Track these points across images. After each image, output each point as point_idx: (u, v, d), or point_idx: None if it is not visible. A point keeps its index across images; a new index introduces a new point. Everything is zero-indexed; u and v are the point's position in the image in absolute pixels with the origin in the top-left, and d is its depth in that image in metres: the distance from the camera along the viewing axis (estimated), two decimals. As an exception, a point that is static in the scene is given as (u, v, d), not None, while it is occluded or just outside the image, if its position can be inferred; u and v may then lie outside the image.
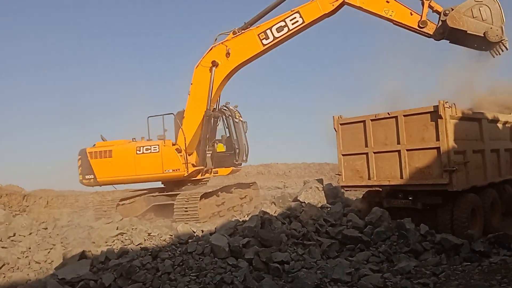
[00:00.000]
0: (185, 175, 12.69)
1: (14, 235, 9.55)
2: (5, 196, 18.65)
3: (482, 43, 10.00)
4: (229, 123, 14.27)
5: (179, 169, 12.52)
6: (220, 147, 14.18)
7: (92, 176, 13.11)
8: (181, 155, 12.61)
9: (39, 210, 19.33)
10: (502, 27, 9.61)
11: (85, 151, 13.33)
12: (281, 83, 79.88)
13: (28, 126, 57.90)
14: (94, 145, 13.52)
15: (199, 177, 13.52)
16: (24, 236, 9.44)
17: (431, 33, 10.39)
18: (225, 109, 14.40)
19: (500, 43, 9.73)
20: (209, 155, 13.82)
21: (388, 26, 10.78)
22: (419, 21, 10.37)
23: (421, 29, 10.41)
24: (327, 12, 11.62)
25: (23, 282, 7.30)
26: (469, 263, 6.57)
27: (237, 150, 14.04)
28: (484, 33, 9.54)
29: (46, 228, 9.85)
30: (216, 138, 14.34)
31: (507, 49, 9.86)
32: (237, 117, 14.60)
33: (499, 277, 5.78)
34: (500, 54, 10.00)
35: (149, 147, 12.74)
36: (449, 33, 10.16)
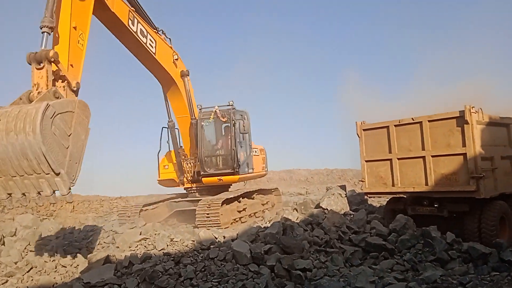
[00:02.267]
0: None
1: (41, 239, 9.78)
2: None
3: None
4: (197, 130, 13.01)
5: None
6: None
7: None
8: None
9: (66, 215, 19.77)
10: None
11: None
12: (302, 88, 79.75)
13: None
14: None
15: (173, 185, 13.95)
16: (51, 240, 9.66)
17: None
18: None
19: None
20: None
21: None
22: None
23: None
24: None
25: (50, 285, 7.45)
26: (498, 273, 6.36)
27: (202, 159, 12.81)
28: None
29: (72, 233, 10.06)
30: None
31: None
32: (210, 118, 13.01)
33: (530, 288, 5.59)
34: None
35: None
36: None
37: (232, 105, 13.17)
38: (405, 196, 9.75)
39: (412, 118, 9.23)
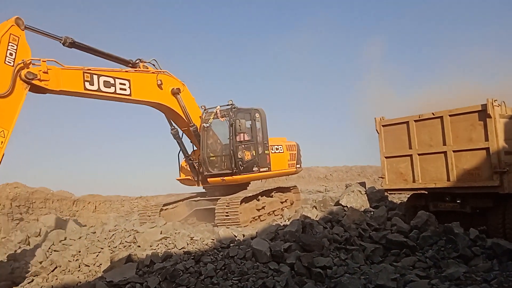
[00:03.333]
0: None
1: (65, 239, 10.00)
2: (57, 201, 19.60)
3: None
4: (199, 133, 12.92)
5: None
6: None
7: None
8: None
9: (88, 215, 20.16)
10: None
11: None
12: (321, 85, 79.32)
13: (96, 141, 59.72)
14: None
15: (192, 184, 13.87)
16: (74, 240, 9.85)
17: None
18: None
19: None
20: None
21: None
22: None
23: None
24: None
25: (74, 284, 7.61)
26: (524, 270, 6.22)
27: (205, 160, 12.68)
28: None
29: (94, 232, 10.23)
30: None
31: None
32: (210, 119, 12.74)
33: (558, 285, 5.44)
34: None
35: None
36: None
37: (232, 104, 12.84)
38: (426, 192, 9.60)
39: (433, 113, 9.08)
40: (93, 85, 9.25)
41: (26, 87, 7.76)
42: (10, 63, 7.48)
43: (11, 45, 7.46)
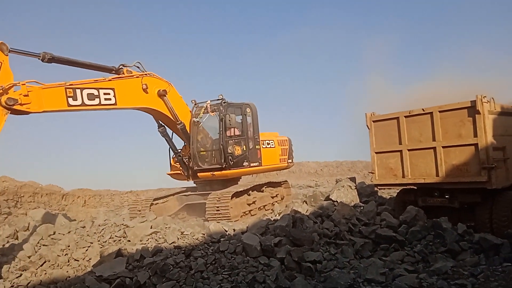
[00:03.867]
0: None
1: (54, 233, 9.91)
2: (46, 195, 19.43)
3: None
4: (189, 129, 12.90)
5: None
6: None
7: None
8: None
9: (77, 209, 20.02)
10: None
11: None
12: (313, 81, 79.43)
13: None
14: None
15: (182, 178, 13.70)
16: (64, 234, 9.77)
17: None
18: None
19: None
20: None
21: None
22: None
23: None
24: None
25: (63, 278, 7.56)
26: (510, 264, 6.31)
27: (195, 154, 12.71)
28: None
29: (84, 227, 10.16)
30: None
31: None
32: (200, 114, 12.72)
33: (543, 279, 5.53)
34: None
35: None
36: None
37: (222, 98, 12.77)
38: (415, 188, 9.69)
39: (423, 109, 9.14)
40: (76, 100, 9.07)
41: (6, 113, 7.62)
42: None
43: None
